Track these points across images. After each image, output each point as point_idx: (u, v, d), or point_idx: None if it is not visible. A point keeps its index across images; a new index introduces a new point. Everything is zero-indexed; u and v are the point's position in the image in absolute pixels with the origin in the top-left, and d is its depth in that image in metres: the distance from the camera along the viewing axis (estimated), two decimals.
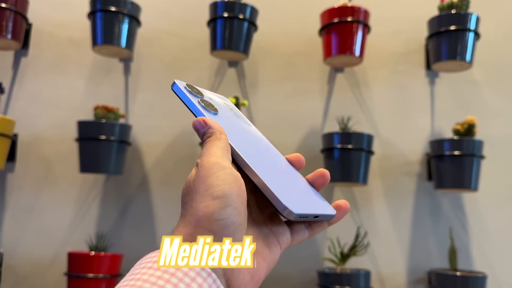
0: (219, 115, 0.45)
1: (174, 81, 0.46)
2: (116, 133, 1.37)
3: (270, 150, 0.45)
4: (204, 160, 0.37)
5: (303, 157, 0.45)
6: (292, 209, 0.37)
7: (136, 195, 1.48)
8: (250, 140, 0.45)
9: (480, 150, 1.39)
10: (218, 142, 0.39)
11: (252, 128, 0.48)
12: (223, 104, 0.49)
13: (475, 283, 1.31)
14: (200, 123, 0.41)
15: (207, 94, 0.47)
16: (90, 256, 1.30)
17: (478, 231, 1.48)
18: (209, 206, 0.35)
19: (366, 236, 1.40)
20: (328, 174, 0.43)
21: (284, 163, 0.44)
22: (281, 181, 0.40)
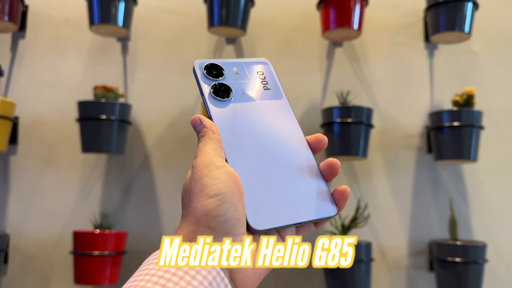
0: (231, 101, 0.44)
1: (195, 63, 0.45)
2: (117, 112, 1.37)
3: (275, 141, 0.43)
4: (197, 161, 0.39)
5: (322, 138, 0.44)
6: (254, 225, 0.38)
7: (138, 174, 1.50)
8: (252, 133, 0.43)
9: (479, 120, 1.39)
10: (210, 142, 0.40)
11: (276, 105, 0.46)
12: (254, 74, 0.47)
13: (475, 252, 1.33)
14: (196, 121, 0.42)
15: (234, 67, 0.46)
16: (96, 235, 1.32)
17: (478, 202, 1.49)
18: (206, 204, 0.36)
19: (367, 208, 1.41)
20: (338, 165, 0.42)
21: (288, 155, 0.43)
22: (264, 188, 0.40)
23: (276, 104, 0.46)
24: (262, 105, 0.45)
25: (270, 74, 0.48)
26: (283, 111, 0.46)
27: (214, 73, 0.45)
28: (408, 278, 1.46)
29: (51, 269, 1.44)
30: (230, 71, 0.46)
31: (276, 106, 0.46)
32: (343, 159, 1.45)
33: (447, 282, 1.34)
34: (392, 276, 1.45)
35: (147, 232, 1.47)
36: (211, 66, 0.45)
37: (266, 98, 0.46)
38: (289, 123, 0.45)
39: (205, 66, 0.45)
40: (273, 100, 0.46)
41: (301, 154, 0.43)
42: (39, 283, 1.44)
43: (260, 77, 0.47)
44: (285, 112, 0.46)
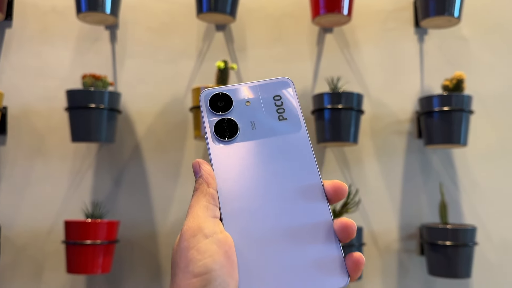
0: (236, 140, 0.39)
1: (200, 94, 0.41)
2: (106, 101, 1.36)
3: (285, 191, 0.37)
4: (185, 227, 0.35)
5: (341, 186, 0.37)
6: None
7: (129, 163, 1.49)
8: (258, 182, 0.37)
9: (469, 105, 1.40)
10: (203, 198, 0.36)
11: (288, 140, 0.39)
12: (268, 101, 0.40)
13: (465, 235, 1.35)
14: (195, 167, 0.38)
15: (244, 97, 0.40)
16: (87, 224, 1.32)
17: (468, 186, 1.50)
18: (190, 285, 0.33)
19: (358, 193, 1.42)
20: (354, 226, 0.36)
21: (299, 211, 0.36)
22: (263, 256, 0.34)
23: (292, 139, 0.39)
24: (274, 143, 0.39)
25: (290, 98, 0.41)
26: (299, 149, 0.39)
27: (221, 106, 0.40)
28: (399, 262, 1.47)
29: (44, 259, 1.44)
30: (239, 100, 0.40)
31: (291, 142, 0.39)
32: (333, 145, 1.45)
33: (438, 265, 1.36)
34: (383, 260, 1.47)
35: (139, 221, 1.47)
36: (218, 96, 0.40)
37: (280, 133, 0.39)
38: (305, 165, 0.38)
39: (210, 98, 0.40)
40: (288, 134, 0.39)
41: (314, 209, 0.36)
42: (32, 273, 1.44)
43: (276, 104, 0.41)
44: (302, 150, 0.39)
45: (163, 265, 1.45)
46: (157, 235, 1.46)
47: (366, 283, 1.45)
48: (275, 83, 0.42)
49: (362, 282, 1.45)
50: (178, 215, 1.47)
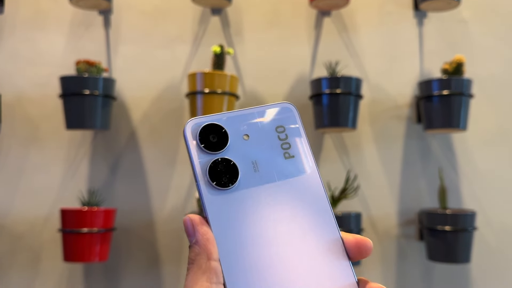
0: (238, 186, 0.31)
1: (185, 124, 0.32)
2: (100, 87, 1.34)
3: (299, 251, 0.30)
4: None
5: (365, 242, 0.31)
6: None
7: (125, 150, 1.48)
8: (264, 241, 0.30)
9: (469, 88, 1.38)
10: (202, 277, 0.28)
11: (297, 184, 0.33)
12: (271, 133, 0.33)
13: (465, 220, 1.34)
14: (188, 229, 0.30)
15: (241, 129, 0.33)
16: (84, 212, 1.31)
17: (468, 170, 1.49)
18: None
19: (356, 179, 1.41)
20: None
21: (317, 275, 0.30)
22: None
23: (302, 183, 0.33)
24: (282, 189, 0.32)
25: (294, 129, 0.34)
26: (311, 194, 0.32)
27: (214, 141, 0.32)
28: (398, 247, 1.46)
29: (40, 248, 1.43)
30: (236, 133, 0.33)
31: (301, 187, 0.32)
32: (332, 130, 1.44)
33: (437, 250, 1.35)
34: (382, 246, 1.46)
35: (136, 208, 1.46)
36: (209, 128, 0.32)
37: (288, 175, 0.33)
38: (320, 215, 0.32)
39: (200, 131, 0.32)
40: (297, 176, 0.33)
41: (336, 272, 0.30)
42: (29, 261, 1.43)
43: (280, 138, 0.33)
44: (314, 195, 0.33)
45: (160, 253, 1.45)
46: (154, 222, 1.45)
47: (365, 269, 1.45)
48: (276, 110, 0.34)
49: (361, 268, 1.44)
50: (175, 202, 1.46)
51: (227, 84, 1.33)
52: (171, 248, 1.44)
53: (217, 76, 1.32)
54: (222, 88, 1.32)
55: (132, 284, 1.43)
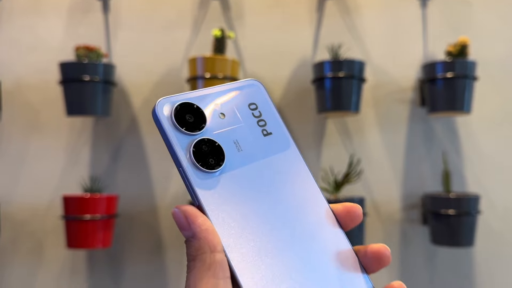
0: (225, 168, 0.29)
1: (155, 105, 0.30)
2: (100, 73, 1.32)
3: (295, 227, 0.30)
4: None
5: (354, 208, 0.31)
6: None
7: (126, 137, 1.47)
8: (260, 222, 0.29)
9: (473, 71, 1.36)
10: (208, 273, 0.25)
11: (283, 161, 0.32)
12: (246, 111, 0.32)
13: (468, 204, 1.33)
14: (181, 222, 0.27)
15: (216, 109, 0.31)
16: (86, 198, 1.30)
17: (471, 154, 1.48)
18: None
19: (359, 163, 1.40)
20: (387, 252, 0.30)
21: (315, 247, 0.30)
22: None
23: (285, 159, 0.32)
24: (268, 167, 0.31)
25: (266, 104, 0.33)
26: (295, 170, 0.32)
27: (191, 122, 0.29)
28: (401, 231, 1.46)
29: (44, 235, 1.43)
30: (211, 112, 0.30)
31: (285, 163, 0.32)
32: (335, 115, 1.42)
33: (441, 234, 1.35)
34: (385, 230, 1.46)
35: (138, 195, 1.45)
36: (184, 107, 0.29)
37: (270, 152, 0.32)
38: (308, 190, 0.32)
39: (174, 112, 0.29)
40: (279, 153, 0.32)
41: (330, 240, 0.30)
42: (32, 249, 1.43)
43: (254, 115, 0.32)
44: (299, 171, 0.32)
45: (163, 239, 1.44)
46: (157, 209, 1.45)
47: None
48: (244, 87, 0.33)
49: None
50: (178, 189, 1.45)
51: (228, 68, 1.31)
52: (175, 234, 1.44)
53: (218, 60, 1.30)
54: (224, 73, 1.30)
55: (135, 270, 1.44)
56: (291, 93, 1.48)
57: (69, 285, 1.43)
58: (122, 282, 1.44)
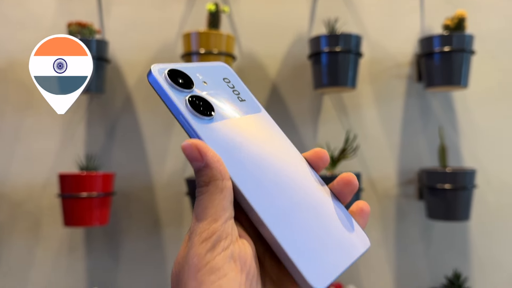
0: (216, 116, 0.34)
1: (151, 69, 0.34)
2: (93, 49, 1.31)
3: (282, 157, 0.35)
4: (198, 237, 0.28)
5: (323, 153, 0.36)
6: (317, 285, 0.29)
7: (122, 115, 1.46)
8: (255, 154, 0.34)
9: (471, 44, 1.35)
10: (219, 196, 0.30)
11: (260, 119, 0.37)
12: (222, 83, 0.38)
13: (464, 178, 1.34)
14: (194, 154, 0.30)
15: (200, 73, 0.36)
16: (82, 176, 1.30)
17: (468, 129, 1.48)
18: None
19: (356, 139, 1.40)
20: (355, 180, 0.35)
21: (302, 176, 0.35)
22: (298, 231, 0.31)
23: (261, 118, 0.38)
24: (247, 121, 0.36)
25: (236, 81, 0.39)
26: (269, 127, 0.37)
27: (181, 82, 0.34)
28: (397, 207, 1.47)
29: (40, 213, 1.43)
30: (196, 79, 0.36)
31: (260, 121, 0.37)
32: (331, 90, 1.41)
33: (437, 208, 1.36)
34: (381, 205, 1.47)
35: (135, 173, 1.45)
36: (174, 72, 0.35)
37: (249, 112, 0.37)
38: (282, 141, 0.37)
39: (167, 74, 0.34)
40: (254, 114, 0.37)
41: (310, 179, 0.35)
42: (29, 228, 1.43)
43: (229, 86, 0.38)
44: (272, 128, 0.37)
45: (161, 216, 1.45)
46: (154, 186, 1.45)
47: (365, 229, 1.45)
48: (217, 67, 0.39)
49: None
50: (174, 166, 1.45)
51: (223, 44, 1.29)
52: (172, 211, 1.44)
53: (213, 35, 1.28)
54: (218, 48, 1.28)
55: (133, 247, 1.44)
56: (287, 69, 1.46)
57: (68, 263, 1.43)
58: (120, 259, 1.44)
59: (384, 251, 1.46)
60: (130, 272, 1.44)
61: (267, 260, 0.32)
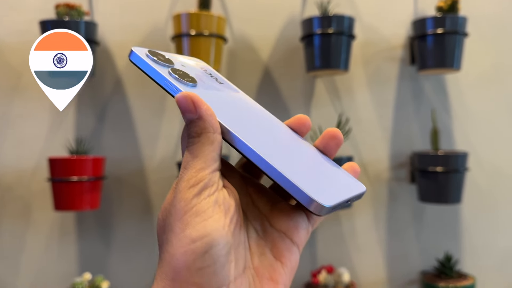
0: (199, 86, 0.35)
1: (132, 49, 0.36)
2: (82, 31, 1.28)
3: (268, 121, 0.37)
4: (185, 183, 0.29)
5: (305, 119, 0.37)
6: (323, 202, 0.29)
7: (112, 98, 1.44)
8: (243, 115, 0.36)
9: (464, 27, 1.34)
10: (209, 148, 0.31)
11: (241, 96, 0.39)
12: (200, 70, 0.39)
13: (456, 161, 1.34)
14: (187, 105, 0.31)
15: (178, 59, 0.38)
16: (72, 160, 1.28)
17: (460, 111, 1.48)
18: (188, 253, 0.28)
19: (348, 122, 1.39)
20: (340, 134, 0.35)
21: (288, 135, 0.36)
22: (294, 164, 0.32)
23: (241, 95, 0.39)
24: (228, 94, 0.38)
25: (214, 72, 0.42)
26: (249, 101, 0.39)
27: (162, 59, 0.36)
28: (389, 190, 1.47)
29: (30, 198, 1.42)
30: (175, 60, 0.38)
31: (240, 97, 0.39)
32: (324, 73, 1.40)
33: (428, 191, 1.36)
34: (374, 188, 1.47)
35: (125, 157, 1.44)
36: (154, 52, 0.37)
37: (227, 89, 0.39)
38: (264, 112, 0.38)
39: (148, 53, 0.36)
40: (236, 92, 0.39)
41: (295, 136, 0.37)
42: (20, 212, 1.42)
43: (207, 72, 0.40)
44: (252, 102, 0.39)
45: (152, 200, 1.44)
46: (145, 171, 1.44)
47: (355, 212, 1.46)
48: (195, 60, 0.42)
49: (352, 211, 1.45)
50: (165, 150, 1.44)
51: (214, 25, 1.28)
52: (163, 195, 1.44)
53: (204, 16, 1.27)
54: (209, 30, 1.27)
55: (125, 231, 1.44)
56: (279, 51, 1.45)
57: (59, 247, 1.43)
58: (112, 243, 1.44)
59: (376, 234, 1.47)
60: (121, 256, 1.44)
61: (251, 212, 0.34)
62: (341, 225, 1.46)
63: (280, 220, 0.33)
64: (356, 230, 1.46)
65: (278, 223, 0.33)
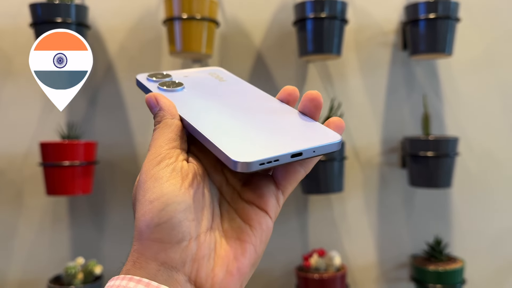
0: (186, 88, 0.41)
1: (136, 78, 0.43)
2: (73, 14, 1.27)
3: (248, 103, 0.40)
4: (146, 161, 0.34)
5: (292, 89, 0.39)
6: (237, 159, 0.31)
7: (103, 83, 1.43)
8: (215, 104, 0.39)
9: (456, 12, 1.34)
10: (167, 130, 0.35)
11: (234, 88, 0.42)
12: (204, 75, 0.44)
13: (447, 146, 1.35)
14: (151, 102, 0.37)
15: (181, 73, 0.44)
16: (64, 145, 1.28)
17: (452, 97, 1.49)
18: (147, 213, 0.31)
19: (340, 107, 1.40)
20: (318, 96, 0.37)
21: (265, 109, 0.39)
22: (235, 131, 0.34)
23: (232, 87, 0.43)
24: (216, 88, 0.42)
25: (225, 74, 0.45)
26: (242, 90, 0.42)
27: (160, 76, 0.43)
28: (380, 175, 1.48)
29: (22, 183, 1.42)
30: (177, 75, 0.44)
31: (233, 88, 0.43)
32: (316, 58, 1.40)
33: (419, 176, 1.37)
34: (364, 173, 1.48)
35: (118, 142, 1.43)
36: (153, 74, 0.43)
37: (223, 84, 0.43)
38: (255, 92, 0.42)
39: (148, 75, 0.44)
40: (230, 85, 0.43)
41: (277, 104, 0.40)
42: (12, 198, 1.42)
43: (213, 76, 0.45)
44: (246, 90, 0.42)
45: None
46: (137, 156, 1.44)
47: (347, 196, 1.47)
48: (211, 69, 0.46)
49: (343, 195, 1.46)
50: None
51: (206, 9, 1.27)
52: None
53: (195, 0, 1.26)
54: (201, 13, 1.26)
55: (117, 215, 1.44)
56: (272, 36, 1.44)
57: (51, 232, 1.43)
58: (104, 229, 1.44)
59: (367, 219, 1.48)
60: (114, 241, 1.44)
61: (224, 188, 0.36)
62: (332, 209, 1.47)
63: (248, 192, 0.35)
64: (347, 214, 1.48)
65: (247, 195, 0.35)
